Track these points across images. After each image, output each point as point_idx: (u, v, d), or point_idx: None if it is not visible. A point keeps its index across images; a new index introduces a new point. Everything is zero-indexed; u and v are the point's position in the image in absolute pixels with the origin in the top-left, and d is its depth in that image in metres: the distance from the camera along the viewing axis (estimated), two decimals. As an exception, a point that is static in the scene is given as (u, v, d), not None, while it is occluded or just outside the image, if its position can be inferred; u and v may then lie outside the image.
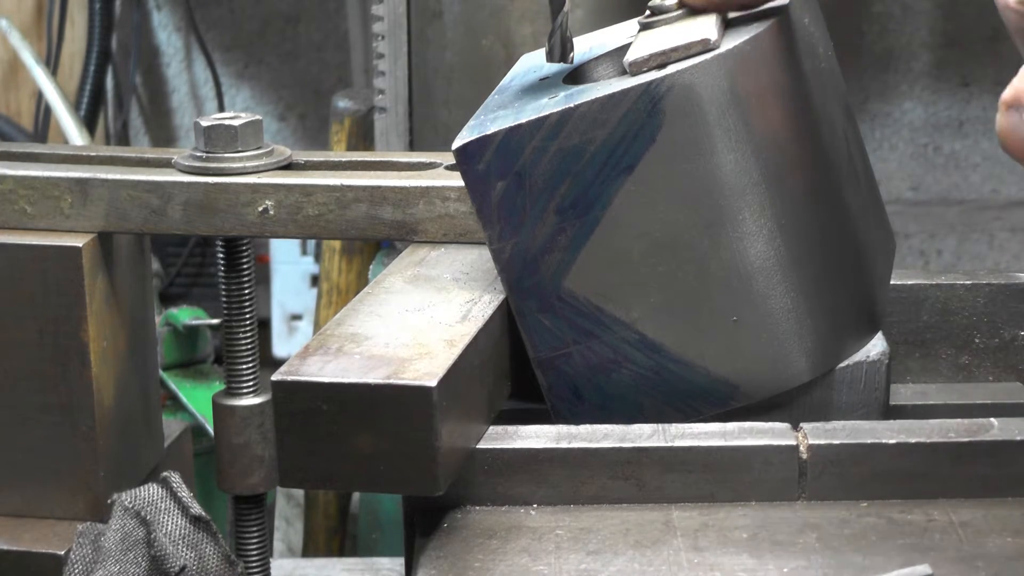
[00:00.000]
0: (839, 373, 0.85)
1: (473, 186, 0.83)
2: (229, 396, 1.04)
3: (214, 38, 2.90)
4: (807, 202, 0.82)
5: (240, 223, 0.98)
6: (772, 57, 0.80)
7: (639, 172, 0.80)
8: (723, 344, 0.82)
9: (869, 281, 0.88)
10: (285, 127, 2.95)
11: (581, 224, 0.81)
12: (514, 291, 0.84)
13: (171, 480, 0.92)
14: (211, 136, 0.99)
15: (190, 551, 0.90)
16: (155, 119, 2.99)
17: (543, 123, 0.80)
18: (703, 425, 0.81)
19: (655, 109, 0.79)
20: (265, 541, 1.07)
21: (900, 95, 2.81)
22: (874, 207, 0.91)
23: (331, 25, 2.90)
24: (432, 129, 1.64)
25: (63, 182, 0.98)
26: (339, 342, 0.79)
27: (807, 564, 0.74)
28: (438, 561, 0.75)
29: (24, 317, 0.98)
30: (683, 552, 0.75)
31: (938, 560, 0.74)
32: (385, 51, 1.66)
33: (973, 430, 0.80)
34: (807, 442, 0.79)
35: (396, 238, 0.98)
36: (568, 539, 0.77)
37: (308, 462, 0.76)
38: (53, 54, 2.55)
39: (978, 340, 0.99)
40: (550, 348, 0.84)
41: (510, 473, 0.80)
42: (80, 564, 0.92)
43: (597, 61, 0.91)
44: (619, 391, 0.84)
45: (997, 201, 2.86)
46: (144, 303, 1.05)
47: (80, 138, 1.97)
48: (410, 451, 0.74)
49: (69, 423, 0.99)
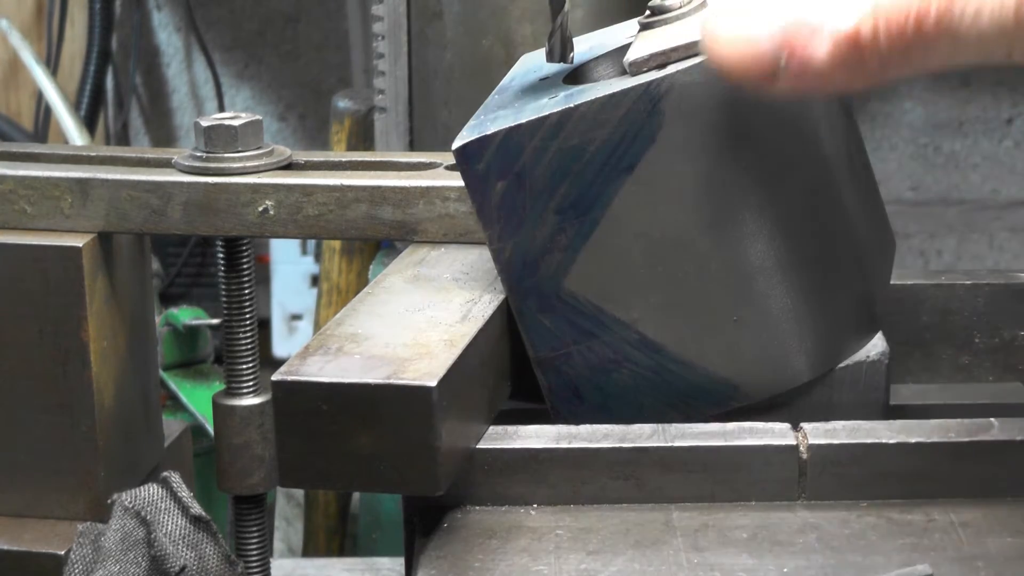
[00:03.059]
0: (839, 373, 0.85)
1: (473, 186, 0.83)
2: (229, 396, 1.04)
3: (214, 38, 2.90)
4: (807, 202, 0.82)
5: (240, 223, 0.98)
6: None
7: (639, 172, 0.80)
8: (723, 344, 0.82)
9: (869, 281, 0.88)
10: (285, 127, 2.95)
11: (581, 224, 0.81)
12: (514, 291, 0.84)
13: (171, 480, 0.92)
14: (211, 136, 0.99)
15: (190, 551, 0.90)
16: (155, 119, 2.99)
17: (543, 123, 0.80)
18: (703, 425, 0.81)
19: (655, 109, 0.79)
20: (265, 541, 1.07)
21: (900, 95, 2.81)
22: (874, 207, 0.91)
23: (331, 25, 2.90)
24: (432, 129, 1.64)
25: (63, 182, 0.98)
26: (339, 342, 0.79)
27: (807, 564, 0.74)
28: (438, 561, 0.75)
29: (24, 317, 0.98)
30: (683, 552, 0.75)
31: (938, 560, 0.74)
32: (385, 51, 1.66)
33: (973, 430, 0.80)
34: (807, 442, 0.79)
35: (396, 238, 0.98)
36: (568, 539, 0.77)
37: (308, 462, 0.76)
38: (53, 54, 2.56)
39: (978, 340, 0.99)
40: (550, 348, 0.84)
41: (510, 473, 0.80)
42: (80, 564, 0.92)
43: (597, 61, 0.91)
44: (619, 391, 0.84)
45: (997, 201, 2.86)
46: (144, 303, 1.05)
47: (80, 138, 1.97)
48: (410, 451, 0.74)
49: (69, 423, 0.99)
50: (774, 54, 0.68)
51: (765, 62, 0.68)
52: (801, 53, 0.67)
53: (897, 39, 0.66)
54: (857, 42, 0.66)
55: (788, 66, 0.68)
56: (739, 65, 0.69)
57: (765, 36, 0.68)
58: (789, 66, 0.68)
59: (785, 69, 0.68)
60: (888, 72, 0.67)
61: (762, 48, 0.68)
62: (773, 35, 0.68)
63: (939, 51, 0.66)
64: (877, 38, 0.66)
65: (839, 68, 0.67)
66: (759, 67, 0.68)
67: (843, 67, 0.67)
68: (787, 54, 0.67)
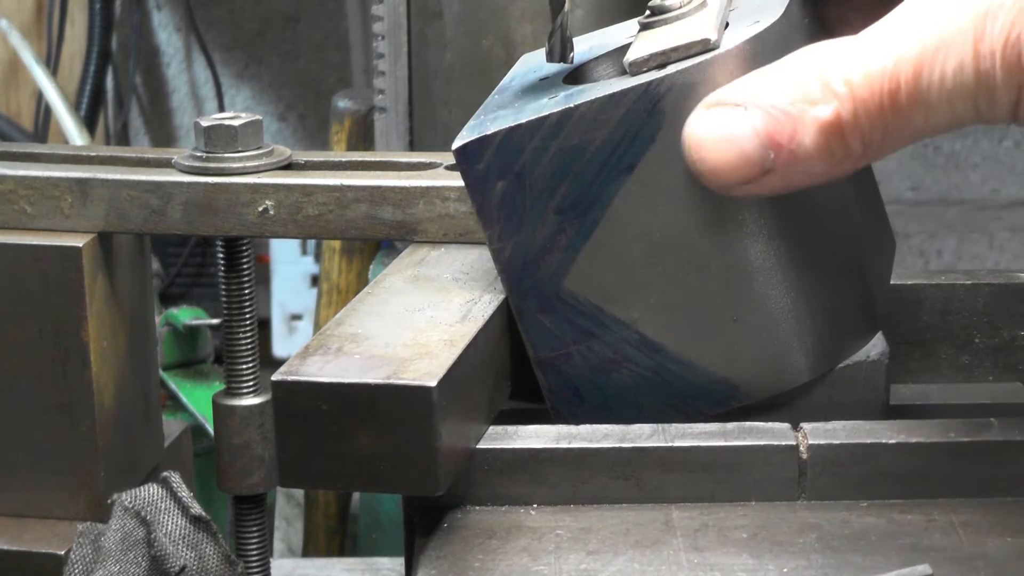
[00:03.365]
0: (839, 373, 0.85)
1: (473, 186, 0.83)
2: (229, 396, 1.04)
3: (214, 38, 2.90)
4: (807, 202, 0.82)
5: (240, 223, 0.98)
6: (772, 57, 0.80)
7: (639, 172, 0.80)
8: (723, 344, 0.82)
9: (869, 281, 0.88)
10: (285, 127, 2.95)
11: (581, 224, 0.81)
12: (514, 291, 0.84)
13: (171, 480, 0.92)
14: (211, 136, 0.99)
15: (190, 551, 0.90)
16: (155, 119, 2.99)
17: (543, 123, 0.80)
18: (703, 425, 0.81)
19: (655, 109, 0.79)
20: (265, 541, 1.07)
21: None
22: (874, 207, 0.91)
23: (331, 25, 2.90)
24: (432, 129, 1.64)
25: (63, 182, 0.98)
26: (339, 342, 0.79)
27: (807, 564, 0.74)
28: (438, 561, 0.75)
29: (24, 317, 0.98)
30: (683, 552, 0.75)
31: (938, 560, 0.74)
32: (385, 51, 1.66)
33: (973, 430, 0.80)
34: (807, 442, 0.79)
35: (396, 238, 0.98)
36: (568, 539, 0.77)
37: (308, 462, 0.76)
38: (53, 54, 2.56)
39: (978, 340, 0.99)
40: (550, 348, 0.84)
41: (510, 473, 0.79)
42: (80, 564, 0.92)
43: (597, 61, 0.91)
44: (619, 391, 0.84)
45: (997, 201, 2.86)
46: (144, 303, 1.05)
47: (80, 138, 1.97)
48: (410, 451, 0.74)
49: (69, 423, 0.99)
50: (762, 152, 0.69)
51: (755, 160, 0.70)
52: (787, 146, 0.69)
53: (876, 117, 0.69)
54: (839, 127, 0.68)
55: (777, 160, 0.69)
56: (729, 167, 0.71)
57: (749, 133, 0.70)
58: (778, 160, 0.69)
59: (774, 163, 0.69)
60: (870, 151, 0.70)
61: (748, 147, 0.70)
62: (757, 131, 0.69)
63: (915, 122, 0.69)
64: (857, 119, 0.68)
65: (825, 155, 0.70)
66: (749, 166, 0.70)
67: (828, 153, 0.70)
68: (774, 150, 0.69)
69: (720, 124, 0.71)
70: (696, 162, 0.73)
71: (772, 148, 0.70)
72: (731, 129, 0.71)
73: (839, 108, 0.69)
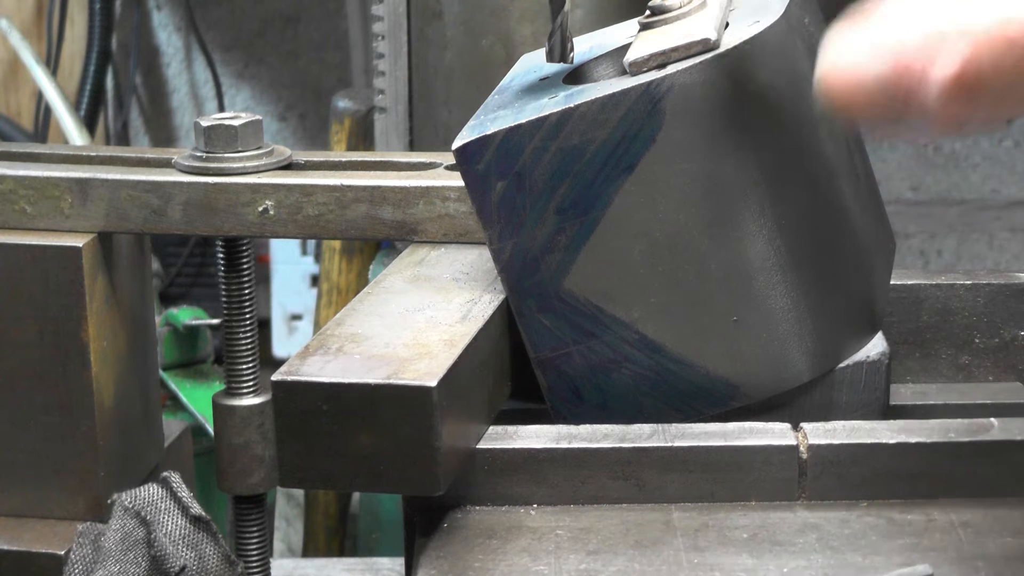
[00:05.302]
0: (839, 373, 0.85)
1: (473, 186, 0.83)
2: (229, 396, 1.04)
3: (214, 38, 2.90)
4: (807, 202, 0.82)
5: (240, 223, 0.98)
6: (772, 57, 0.80)
7: (639, 172, 0.80)
8: (723, 344, 0.82)
9: (869, 281, 0.88)
10: (285, 127, 2.95)
11: (581, 224, 0.81)
12: (514, 291, 0.84)
13: (171, 480, 0.92)
14: (211, 136, 0.99)
15: (190, 551, 0.90)
16: (155, 119, 2.99)
17: (543, 123, 0.80)
18: (703, 425, 0.81)
19: (655, 109, 0.79)
20: (265, 541, 1.07)
21: (900, 95, 2.80)
22: (874, 207, 0.91)
23: (331, 25, 2.90)
24: (432, 129, 1.64)
25: (63, 182, 0.98)
26: (339, 342, 0.79)
27: (807, 564, 0.74)
28: (438, 561, 0.75)
29: (24, 317, 0.98)
30: (683, 552, 0.75)
31: (938, 560, 0.74)
32: (385, 51, 1.66)
33: (973, 430, 0.80)
34: (807, 442, 0.79)
35: (396, 238, 0.98)
36: (568, 539, 0.77)
37: (308, 462, 0.76)
38: (53, 54, 2.55)
39: (978, 340, 0.99)
40: (550, 348, 0.84)
41: (510, 473, 0.80)
42: (80, 564, 0.92)
43: (597, 61, 0.91)
44: (619, 391, 0.84)
45: (997, 201, 2.86)
46: (144, 303, 1.05)
47: (80, 138, 1.97)
48: (410, 451, 0.74)
49: (69, 423, 0.99)
50: (888, 97, 0.67)
51: (880, 103, 0.67)
52: (913, 98, 0.66)
53: (1011, 69, 0.64)
54: (966, 81, 0.65)
55: (905, 107, 0.67)
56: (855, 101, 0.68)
57: (873, 77, 0.67)
58: (907, 107, 0.67)
59: (903, 109, 0.67)
60: (1003, 105, 0.66)
61: (873, 91, 0.67)
62: (881, 77, 0.66)
63: None
64: (982, 73, 0.65)
65: (953, 108, 0.66)
66: (873, 108, 0.67)
67: (956, 106, 0.66)
68: (901, 98, 0.66)
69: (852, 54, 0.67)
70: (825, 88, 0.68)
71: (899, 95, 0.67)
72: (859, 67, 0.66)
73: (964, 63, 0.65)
